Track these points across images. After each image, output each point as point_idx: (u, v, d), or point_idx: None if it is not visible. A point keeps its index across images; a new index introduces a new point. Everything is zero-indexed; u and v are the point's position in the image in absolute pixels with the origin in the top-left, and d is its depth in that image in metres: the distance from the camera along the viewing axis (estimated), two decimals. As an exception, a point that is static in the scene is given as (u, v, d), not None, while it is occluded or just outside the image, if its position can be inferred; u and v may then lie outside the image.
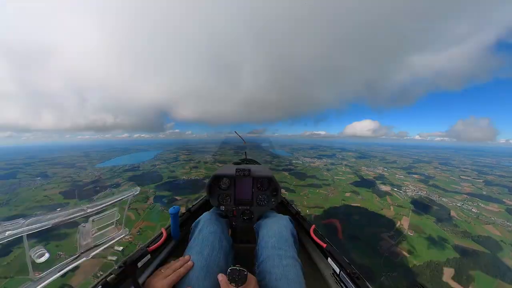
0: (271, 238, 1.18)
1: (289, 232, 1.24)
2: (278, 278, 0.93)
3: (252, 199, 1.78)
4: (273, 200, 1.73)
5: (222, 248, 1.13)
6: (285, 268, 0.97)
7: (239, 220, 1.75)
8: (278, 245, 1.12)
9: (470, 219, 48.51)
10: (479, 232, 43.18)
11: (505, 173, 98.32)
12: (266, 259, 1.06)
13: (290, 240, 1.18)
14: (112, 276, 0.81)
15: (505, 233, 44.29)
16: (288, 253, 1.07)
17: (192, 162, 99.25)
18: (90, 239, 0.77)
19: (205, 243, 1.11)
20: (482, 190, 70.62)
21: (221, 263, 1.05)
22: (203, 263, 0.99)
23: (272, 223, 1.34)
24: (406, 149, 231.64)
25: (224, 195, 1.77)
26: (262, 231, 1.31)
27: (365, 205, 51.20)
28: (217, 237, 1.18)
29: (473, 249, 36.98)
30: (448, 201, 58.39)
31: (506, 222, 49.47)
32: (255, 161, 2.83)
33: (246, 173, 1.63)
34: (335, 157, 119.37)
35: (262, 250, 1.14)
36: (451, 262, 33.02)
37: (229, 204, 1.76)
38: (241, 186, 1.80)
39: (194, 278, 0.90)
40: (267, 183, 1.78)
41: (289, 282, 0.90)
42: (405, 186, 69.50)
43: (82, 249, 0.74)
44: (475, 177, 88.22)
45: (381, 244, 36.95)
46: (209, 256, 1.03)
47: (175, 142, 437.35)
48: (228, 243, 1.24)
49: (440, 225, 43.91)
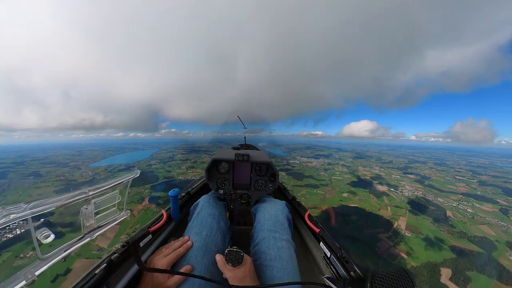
0: (267, 221, 1.25)
1: (284, 216, 1.31)
2: (273, 258, 1.00)
3: (250, 184, 1.81)
4: (271, 185, 1.77)
5: (220, 229, 1.19)
6: (280, 250, 1.04)
7: (236, 204, 1.79)
8: (273, 228, 1.19)
9: (466, 219, 48.96)
10: (475, 232, 43.61)
11: (499, 174, 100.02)
12: (262, 241, 1.13)
13: (285, 224, 1.25)
14: (116, 255, 0.86)
15: (500, 233, 44.83)
16: (283, 236, 1.14)
17: (189, 161, 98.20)
18: (93, 220, 0.81)
19: (204, 224, 1.16)
20: (477, 190, 71.54)
21: (218, 244, 1.10)
22: (201, 243, 1.04)
23: (269, 207, 1.39)
24: (401, 149, 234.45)
25: (222, 179, 1.79)
26: (259, 215, 1.37)
27: (362, 205, 51.22)
28: (215, 219, 1.23)
29: (469, 250, 37.25)
30: (444, 201, 58.96)
31: (500, 222, 50.15)
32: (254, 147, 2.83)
33: (245, 158, 1.63)
34: (332, 157, 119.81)
35: (258, 232, 1.21)
36: (448, 263, 33.15)
37: (227, 188, 1.79)
38: (239, 170, 1.82)
39: (193, 257, 0.96)
40: (265, 169, 1.80)
41: (283, 263, 0.98)
42: (401, 186, 69.96)
43: (85, 230, 0.78)
44: (469, 178, 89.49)
45: (379, 245, 36.96)
46: (208, 237, 1.09)
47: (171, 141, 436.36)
48: (225, 225, 1.30)
49: (436, 226, 44.19)
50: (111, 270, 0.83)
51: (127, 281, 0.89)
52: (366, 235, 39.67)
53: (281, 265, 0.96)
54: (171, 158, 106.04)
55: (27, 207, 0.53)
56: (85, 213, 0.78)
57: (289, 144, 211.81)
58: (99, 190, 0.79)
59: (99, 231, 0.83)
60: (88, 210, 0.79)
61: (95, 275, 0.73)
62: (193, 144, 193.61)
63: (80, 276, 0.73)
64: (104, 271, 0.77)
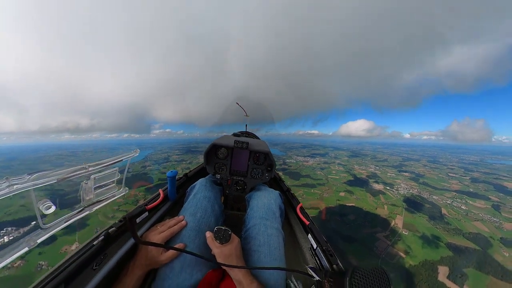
0: (260, 208, 1.29)
1: (277, 206, 1.36)
2: (261, 244, 1.06)
3: (247, 171, 1.83)
4: (267, 174, 1.78)
5: (213, 212, 1.25)
6: (269, 237, 1.10)
7: (232, 189, 1.83)
8: (265, 216, 1.23)
9: (460, 216, 49.69)
10: (469, 229, 44.26)
11: (489, 170, 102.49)
12: (253, 227, 1.18)
13: (277, 213, 1.30)
14: (113, 228, 0.92)
15: (493, 229, 45.66)
16: (273, 224, 1.19)
17: (184, 162, 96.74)
18: (92, 195, 0.85)
19: (199, 206, 1.22)
20: (469, 187, 72.92)
21: (211, 226, 1.16)
22: (195, 224, 1.10)
23: (263, 196, 1.44)
24: (395, 148, 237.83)
25: (220, 164, 1.82)
26: (253, 202, 1.41)
27: (359, 204, 51.38)
28: (210, 202, 1.28)
29: (465, 247, 37.72)
30: (438, 199, 59.80)
31: (492, 218, 51.16)
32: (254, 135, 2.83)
33: (244, 145, 1.65)
34: (327, 156, 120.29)
35: (250, 219, 1.26)
36: (445, 261, 33.38)
37: (224, 173, 1.82)
38: (238, 157, 1.83)
39: (186, 236, 1.03)
40: (263, 158, 1.81)
41: (271, 249, 1.04)
42: (397, 184, 70.69)
43: (85, 203, 0.82)
44: (462, 175, 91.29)
45: (377, 245, 36.99)
46: (202, 218, 1.15)
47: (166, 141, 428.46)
48: (219, 208, 1.35)
49: (432, 223, 44.62)
50: (108, 243, 0.88)
51: (123, 253, 0.96)
52: (364, 235, 39.67)
53: (269, 251, 1.03)
54: (166, 159, 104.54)
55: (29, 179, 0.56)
56: (85, 187, 0.82)
57: (285, 143, 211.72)
58: (99, 166, 0.83)
59: (98, 205, 0.87)
60: (88, 185, 0.83)
61: (93, 246, 0.79)
62: (188, 144, 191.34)
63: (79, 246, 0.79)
64: (101, 242, 0.83)
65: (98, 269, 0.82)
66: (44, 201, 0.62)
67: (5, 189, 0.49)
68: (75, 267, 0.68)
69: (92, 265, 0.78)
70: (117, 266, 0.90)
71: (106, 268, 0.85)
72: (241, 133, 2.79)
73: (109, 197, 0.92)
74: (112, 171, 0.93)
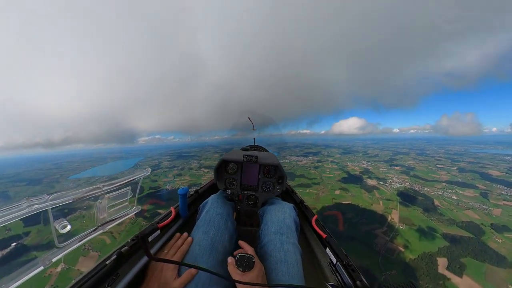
0: (274, 223, 1.25)
1: (292, 220, 1.31)
2: (278, 261, 1.01)
3: (258, 185, 1.82)
4: (278, 187, 1.77)
5: (227, 229, 1.21)
6: (286, 253, 1.05)
7: (244, 204, 1.80)
8: (280, 231, 1.19)
9: (452, 206, 50.83)
10: (462, 218, 45.23)
11: (474, 159, 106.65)
12: (268, 243, 1.13)
13: (292, 227, 1.25)
14: (125, 247, 0.91)
15: (483, 216, 46.96)
16: (289, 239, 1.14)
17: (176, 169, 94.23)
18: (106, 214, 0.88)
19: (212, 223, 1.18)
20: (458, 177, 75.16)
21: (225, 244, 1.13)
22: (208, 242, 1.06)
23: (276, 210, 1.39)
24: (385, 142, 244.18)
25: (230, 179, 1.82)
26: (266, 217, 1.37)
27: (355, 201, 51.47)
28: (223, 219, 1.24)
29: (460, 236, 38.36)
30: (430, 191, 61.09)
31: (482, 205, 52.68)
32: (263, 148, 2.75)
33: (253, 159, 1.65)
34: (320, 154, 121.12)
35: (265, 234, 1.21)
36: (443, 252, 33.77)
37: (235, 188, 1.81)
38: (247, 171, 1.83)
39: (200, 256, 1.00)
40: (273, 171, 1.81)
41: (288, 266, 0.98)
42: (389, 179, 71.82)
43: (99, 222, 0.85)
44: (449, 165, 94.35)
45: (376, 242, 36.94)
46: (215, 236, 1.11)
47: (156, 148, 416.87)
48: (233, 225, 1.31)
49: (427, 215, 45.29)
50: (121, 262, 0.88)
51: (135, 273, 0.95)
52: (363, 233, 39.58)
53: (287, 269, 0.97)
54: (157, 166, 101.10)
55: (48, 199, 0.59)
56: (99, 207, 0.85)
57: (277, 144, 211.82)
58: (112, 186, 0.87)
59: (111, 224, 0.90)
60: (102, 204, 0.86)
61: (106, 266, 0.79)
62: (180, 150, 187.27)
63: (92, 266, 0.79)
64: (114, 262, 0.82)
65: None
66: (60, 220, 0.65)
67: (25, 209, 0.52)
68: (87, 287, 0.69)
69: (104, 285, 0.78)
70: (129, 286, 0.89)
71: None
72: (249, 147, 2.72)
73: (122, 215, 0.95)
74: (125, 190, 0.95)
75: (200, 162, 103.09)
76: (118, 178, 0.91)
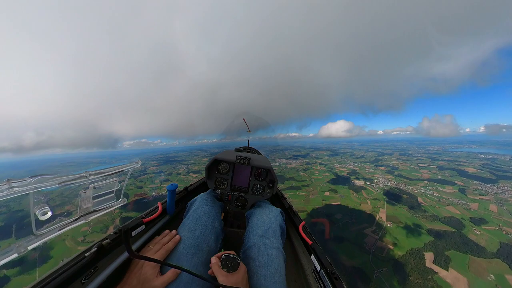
0: (259, 227, 1.24)
1: (277, 224, 1.30)
2: (261, 265, 0.99)
3: (248, 187, 1.82)
4: (268, 191, 1.77)
5: (214, 229, 1.19)
6: (269, 257, 1.03)
7: (232, 206, 1.80)
8: (265, 234, 1.18)
9: (434, 203, 53.18)
10: (444, 213, 47.40)
11: (451, 158, 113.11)
12: (252, 246, 1.12)
13: (277, 232, 1.24)
14: (107, 240, 0.86)
15: (463, 211, 49.53)
16: (273, 244, 1.13)
17: (163, 174, 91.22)
18: (90, 204, 0.83)
19: (199, 222, 1.16)
20: (438, 175, 79.07)
21: (211, 244, 1.10)
22: (194, 241, 1.03)
23: (263, 213, 1.38)
24: (370, 144, 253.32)
25: (221, 179, 1.81)
26: (252, 219, 1.35)
27: (345, 202, 52.43)
28: (210, 218, 1.22)
29: (443, 230, 40.08)
30: (413, 189, 63.66)
31: (461, 201, 55.67)
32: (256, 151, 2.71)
33: (246, 161, 1.64)
34: (309, 157, 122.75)
35: (250, 237, 1.20)
36: (429, 246, 35.05)
37: (225, 189, 1.80)
38: (239, 173, 1.83)
39: (184, 254, 0.97)
40: (265, 174, 1.80)
41: (271, 271, 0.97)
42: (375, 179, 74.09)
43: (81, 212, 0.80)
44: (430, 164, 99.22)
45: (366, 241, 37.65)
46: (201, 235, 1.08)
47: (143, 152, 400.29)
48: (220, 225, 1.29)
49: (412, 213, 47.00)
50: (101, 255, 0.84)
51: (115, 268, 0.90)
52: (353, 233, 40.26)
53: (269, 273, 0.95)
54: (143, 171, 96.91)
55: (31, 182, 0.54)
56: (83, 196, 0.80)
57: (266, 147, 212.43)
58: (99, 175, 0.81)
59: (94, 215, 0.84)
60: (87, 194, 0.81)
61: (84, 258, 0.74)
62: (167, 154, 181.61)
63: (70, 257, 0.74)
64: (93, 254, 0.78)
65: (87, 283, 0.77)
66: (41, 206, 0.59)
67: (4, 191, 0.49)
68: (63, 279, 0.64)
69: (82, 278, 0.74)
70: (107, 280, 0.84)
71: (96, 282, 0.80)
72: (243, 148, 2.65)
73: (106, 207, 0.90)
74: (112, 181, 0.89)
75: (189, 167, 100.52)
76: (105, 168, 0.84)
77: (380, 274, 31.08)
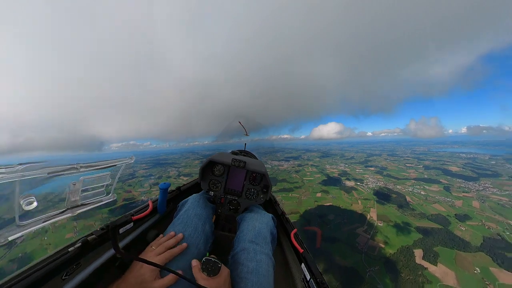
0: (250, 231, 1.21)
1: (268, 230, 1.27)
2: (250, 271, 0.95)
3: (242, 191, 1.80)
4: (262, 196, 1.74)
5: (204, 232, 1.15)
6: (258, 263, 1.00)
7: (225, 209, 1.77)
8: (255, 240, 1.14)
9: (422, 201, 54.96)
10: (431, 211, 49.04)
11: (436, 158, 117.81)
12: (241, 251, 1.08)
13: (267, 238, 1.21)
14: (93, 236, 0.83)
15: (448, 208, 51.52)
16: (263, 249, 1.10)
17: (152, 177, 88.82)
18: (78, 197, 0.79)
19: (189, 223, 1.13)
20: (424, 174, 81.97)
21: (200, 246, 1.06)
22: (182, 242, 1.01)
23: (254, 218, 1.35)
24: (359, 145, 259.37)
25: (215, 181, 1.78)
26: (243, 224, 1.32)
27: (336, 203, 53.08)
28: (201, 220, 1.19)
29: (431, 227, 41.39)
30: (402, 188, 65.53)
31: (446, 198, 57.88)
32: (252, 154, 2.62)
33: (241, 164, 1.63)
34: (301, 158, 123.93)
35: (239, 242, 1.16)
36: (418, 244, 36.05)
37: (218, 191, 1.77)
38: (234, 176, 1.80)
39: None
40: (259, 179, 1.78)
41: (259, 277, 0.93)
42: (365, 179, 75.77)
43: (69, 205, 0.77)
44: (416, 164, 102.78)
45: (358, 241, 38.19)
46: (190, 237, 1.05)
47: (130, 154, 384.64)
48: (210, 228, 1.25)
49: (401, 211, 48.29)
50: (85, 251, 0.80)
51: (99, 265, 0.86)
52: (345, 233, 40.76)
53: (257, 279, 0.92)
54: (131, 175, 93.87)
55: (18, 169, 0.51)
56: (72, 188, 0.77)
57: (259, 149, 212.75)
58: (90, 168, 0.78)
59: (82, 208, 0.81)
60: (76, 186, 0.78)
61: (67, 253, 0.71)
62: (157, 157, 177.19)
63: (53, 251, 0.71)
64: (77, 250, 0.74)
65: (68, 279, 0.72)
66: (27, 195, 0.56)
67: None
68: (42, 274, 0.61)
69: (63, 274, 0.70)
70: (90, 277, 0.80)
71: (77, 278, 0.76)
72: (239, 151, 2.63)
73: (95, 201, 0.86)
74: (104, 175, 0.86)
75: (179, 170, 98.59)
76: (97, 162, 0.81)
77: (373, 273, 31.48)
